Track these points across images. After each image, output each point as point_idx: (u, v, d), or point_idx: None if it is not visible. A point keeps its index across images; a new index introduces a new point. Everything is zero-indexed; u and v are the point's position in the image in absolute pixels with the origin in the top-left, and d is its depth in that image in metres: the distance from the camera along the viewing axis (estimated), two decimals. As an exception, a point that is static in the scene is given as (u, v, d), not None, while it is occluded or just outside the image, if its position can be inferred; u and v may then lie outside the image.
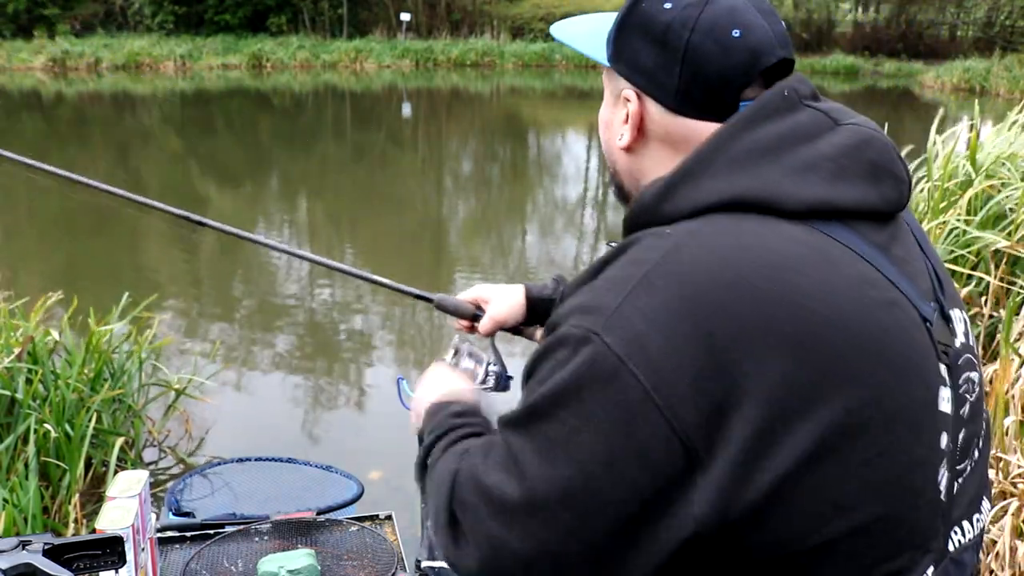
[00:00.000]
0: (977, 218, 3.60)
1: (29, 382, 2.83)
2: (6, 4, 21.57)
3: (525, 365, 0.88)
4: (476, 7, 26.05)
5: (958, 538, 0.89)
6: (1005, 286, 3.30)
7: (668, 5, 0.91)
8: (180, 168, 10.66)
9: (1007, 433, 2.41)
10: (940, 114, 4.37)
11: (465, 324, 1.49)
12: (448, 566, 1.52)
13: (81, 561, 0.90)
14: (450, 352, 1.40)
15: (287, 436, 3.62)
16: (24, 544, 0.87)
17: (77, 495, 2.69)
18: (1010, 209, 3.66)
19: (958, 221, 3.54)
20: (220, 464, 2.31)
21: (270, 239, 1.78)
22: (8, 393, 2.76)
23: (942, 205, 3.73)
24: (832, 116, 0.89)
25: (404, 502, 2.84)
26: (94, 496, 2.88)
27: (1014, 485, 2.31)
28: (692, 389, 0.75)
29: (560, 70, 22.55)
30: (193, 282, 5.98)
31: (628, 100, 0.96)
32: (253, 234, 1.76)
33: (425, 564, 1.59)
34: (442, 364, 1.31)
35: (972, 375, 0.91)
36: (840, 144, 0.86)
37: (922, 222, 3.69)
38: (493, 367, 1.39)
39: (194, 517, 2.00)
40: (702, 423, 0.75)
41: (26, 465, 2.59)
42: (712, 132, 0.88)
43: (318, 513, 1.94)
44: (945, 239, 3.54)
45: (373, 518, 1.97)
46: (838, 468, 0.76)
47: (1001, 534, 2.17)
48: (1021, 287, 3.22)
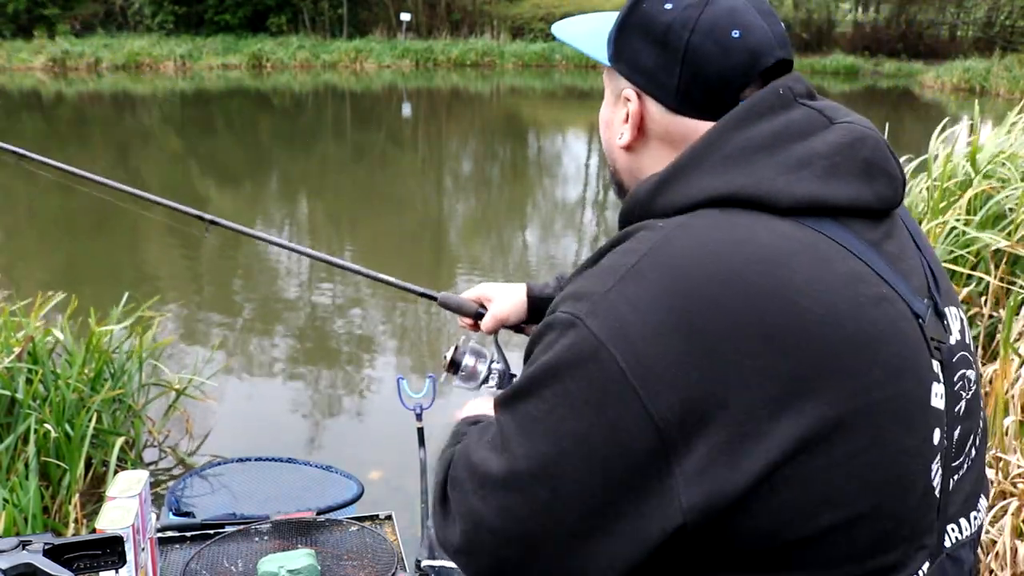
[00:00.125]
0: (977, 218, 3.60)
1: (29, 382, 2.83)
2: (6, 4, 21.58)
3: (524, 351, 0.91)
4: (476, 7, 26.06)
5: (955, 535, 0.89)
6: (1005, 286, 3.30)
7: (668, 6, 0.92)
8: (180, 168, 10.66)
9: (1007, 433, 2.41)
10: (944, 122, 4.36)
11: (468, 322, 1.51)
12: (448, 566, 1.52)
13: (81, 561, 0.90)
14: (451, 349, 1.41)
15: (287, 436, 3.62)
16: (24, 544, 0.87)
17: (77, 495, 2.69)
18: (1010, 209, 3.66)
19: (958, 221, 3.54)
20: (220, 464, 2.31)
21: (281, 239, 1.79)
22: (8, 393, 2.76)
23: (942, 205, 3.72)
24: (826, 114, 0.89)
25: (404, 502, 2.84)
26: (94, 496, 2.88)
27: (1014, 485, 2.31)
28: (671, 375, 0.76)
29: (560, 70, 22.56)
30: (193, 282, 5.98)
31: (628, 99, 0.97)
32: (268, 234, 1.78)
33: (425, 564, 1.59)
34: (484, 397, 1.32)
35: (968, 372, 0.92)
36: (834, 142, 0.87)
37: (922, 222, 3.69)
38: (496, 365, 1.40)
39: (194, 517, 2.00)
40: (678, 409, 0.75)
41: (26, 465, 2.60)
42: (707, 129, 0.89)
43: (318, 513, 1.94)
44: (945, 239, 3.54)
45: (373, 518, 1.97)
46: (826, 460, 0.77)
47: (1001, 534, 2.17)
48: (1021, 287, 3.22)
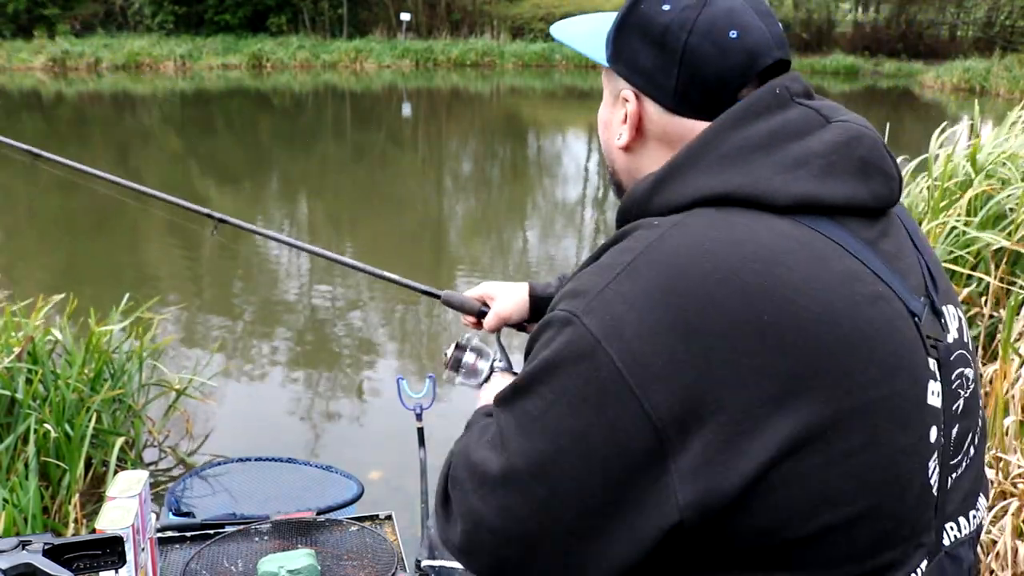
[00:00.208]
0: (977, 218, 3.60)
1: (29, 382, 2.83)
2: (6, 4, 21.58)
3: (524, 349, 0.91)
4: (476, 7, 26.06)
5: (953, 533, 0.89)
6: (1005, 287, 3.30)
7: (666, 7, 0.92)
8: (180, 168, 10.66)
9: (1007, 433, 2.41)
10: (944, 123, 4.36)
11: (471, 320, 1.52)
12: (449, 566, 1.52)
13: (81, 561, 0.90)
14: (451, 347, 1.41)
15: (287, 436, 3.62)
16: (24, 544, 0.87)
17: (77, 495, 2.69)
18: (1010, 209, 3.66)
19: (958, 221, 3.54)
20: (220, 464, 2.32)
21: (290, 238, 1.80)
22: (8, 393, 2.76)
23: (942, 205, 3.72)
24: (823, 113, 0.90)
25: (404, 502, 2.84)
26: (94, 496, 2.88)
27: (1014, 485, 2.31)
28: (666, 372, 0.76)
29: (560, 70, 22.56)
30: (194, 282, 5.98)
31: (627, 100, 0.97)
32: (278, 234, 1.79)
33: (425, 563, 1.59)
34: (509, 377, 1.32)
35: (966, 371, 0.92)
36: (830, 141, 0.87)
37: (922, 222, 3.69)
38: (498, 363, 1.40)
39: (194, 517, 2.01)
40: (675, 406, 0.76)
41: (26, 465, 2.60)
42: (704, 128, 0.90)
43: (318, 513, 1.95)
44: (945, 239, 3.54)
45: (373, 518, 1.97)
46: (823, 459, 0.77)
47: (1002, 534, 2.17)
48: (1021, 287, 3.22)
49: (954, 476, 0.90)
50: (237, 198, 8.92)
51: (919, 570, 0.85)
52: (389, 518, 1.98)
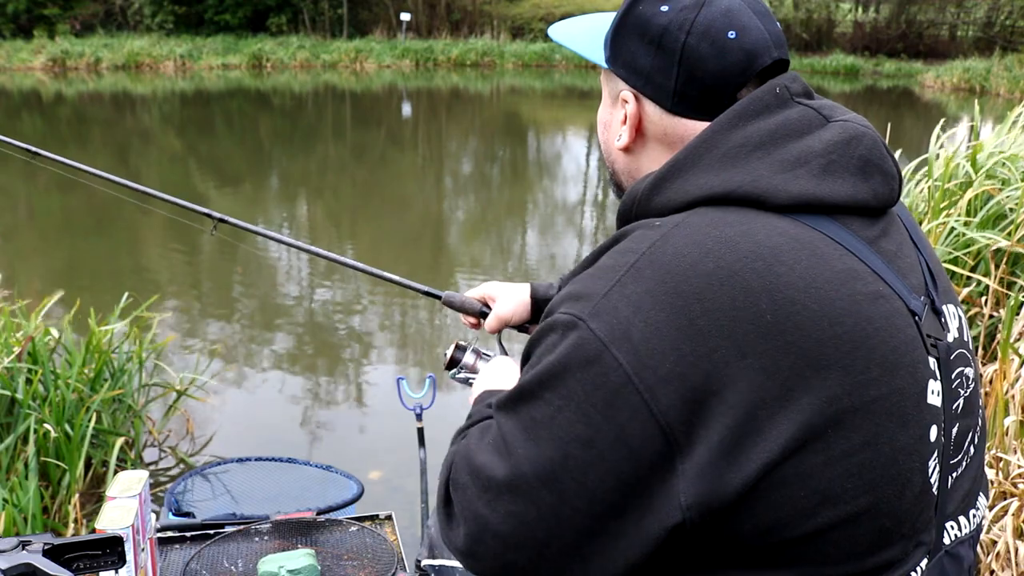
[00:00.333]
0: (977, 218, 3.60)
1: (29, 382, 2.83)
2: (6, 4, 21.57)
3: (523, 352, 0.91)
4: (476, 7, 26.05)
5: (953, 532, 0.90)
6: (1004, 289, 3.30)
7: (664, 8, 0.93)
8: (180, 168, 10.66)
9: (1007, 433, 2.41)
10: (942, 122, 4.36)
11: (472, 321, 1.52)
12: (449, 565, 1.52)
13: (81, 561, 0.90)
14: (451, 348, 1.41)
15: (287, 436, 3.62)
16: (24, 544, 0.87)
17: (77, 495, 2.69)
18: (1010, 209, 3.66)
19: (957, 221, 3.54)
20: (220, 464, 2.32)
21: (289, 238, 1.80)
22: (8, 393, 2.76)
23: (943, 205, 3.72)
24: (823, 113, 0.90)
25: (404, 502, 2.84)
26: (94, 496, 2.89)
27: (1014, 485, 2.31)
28: (673, 375, 0.76)
29: (560, 70, 22.55)
30: (194, 282, 5.98)
31: (626, 101, 0.97)
32: (277, 233, 1.79)
33: (425, 563, 1.59)
34: (508, 358, 1.31)
35: (966, 370, 0.92)
36: (829, 140, 0.87)
37: (922, 222, 3.69)
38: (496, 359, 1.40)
39: (194, 517, 2.01)
40: (682, 408, 0.76)
41: (26, 465, 2.60)
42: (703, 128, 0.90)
43: (318, 513, 1.95)
44: (945, 239, 3.54)
45: (373, 518, 1.97)
46: (824, 457, 0.77)
47: (1002, 534, 2.17)
48: (1021, 287, 3.22)
49: (954, 475, 0.90)
50: (237, 198, 8.92)
51: (919, 568, 0.85)
52: (389, 518, 1.98)
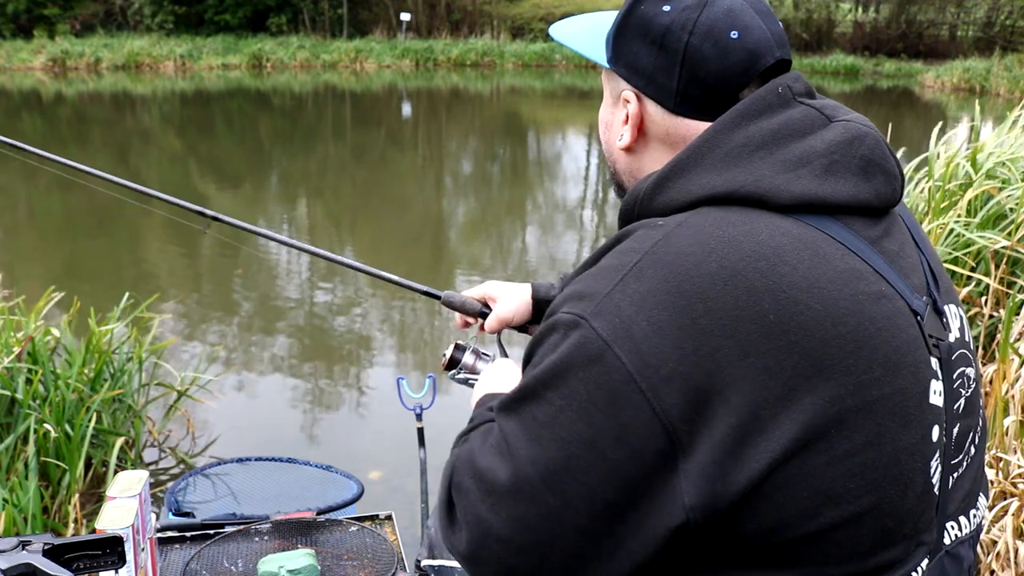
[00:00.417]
0: (977, 218, 3.60)
1: (29, 382, 2.83)
2: (6, 4, 21.56)
3: (524, 352, 0.90)
4: (476, 7, 26.04)
5: (954, 532, 0.89)
6: (1004, 289, 3.30)
7: (667, 7, 0.92)
8: (180, 168, 10.67)
9: (1007, 433, 2.40)
10: (941, 123, 4.36)
11: (465, 322, 1.50)
12: (448, 566, 1.52)
13: (81, 561, 0.90)
14: (450, 348, 1.40)
15: (287, 436, 3.62)
16: (24, 544, 0.87)
17: (77, 495, 2.69)
18: (1010, 209, 3.66)
19: (957, 222, 3.54)
20: (220, 464, 2.32)
21: (284, 236, 1.79)
22: (8, 393, 2.76)
23: (943, 206, 3.72)
24: (825, 112, 0.90)
25: (404, 502, 2.84)
26: (94, 496, 2.88)
27: (1014, 485, 2.31)
28: (675, 374, 0.76)
29: (560, 70, 22.55)
30: (194, 282, 5.98)
31: (628, 101, 0.97)
32: (273, 232, 1.77)
33: (425, 563, 1.59)
34: (509, 360, 1.30)
35: (967, 370, 0.92)
36: (832, 140, 0.87)
37: (922, 222, 3.69)
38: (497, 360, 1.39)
39: (194, 517, 2.01)
40: (684, 408, 0.76)
41: (26, 465, 2.60)
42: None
43: (318, 513, 1.95)
44: (945, 240, 3.54)
45: (373, 518, 1.97)
46: (826, 457, 0.77)
47: (1002, 534, 2.17)
48: (1021, 287, 3.22)
49: (955, 475, 0.90)
50: (237, 198, 8.92)
51: (920, 568, 0.85)
52: (389, 518, 1.98)
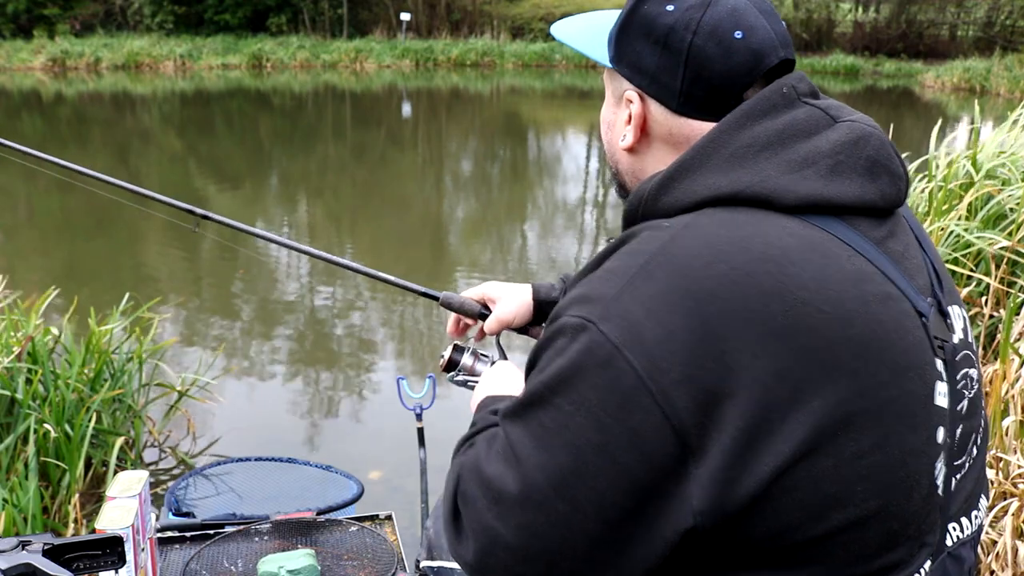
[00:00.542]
0: (978, 219, 3.60)
1: (29, 382, 2.83)
2: (6, 4, 21.56)
3: (528, 357, 0.89)
4: (476, 7, 26.04)
5: (956, 533, 0.89)
6: (1005, 289, 3.30)
7: (670, 7, 0.92)
8: (180, 168, 10.66)
9: (1007, 433, 2.40)
10: (940, 122, 4.36)
11: (471, 323, 1.48)
12: (448, 567, 1.52)
13: (81, 561, 0.90)
14: (448, 349, 1.40)
15: (287, 436, 3.62)
16: (24, 544, 0.87)
17: (77, 495, 2.69)
18: (1011, 209, 3.66)
19: (958, 224, 3.54)
20: (220, 464, 2.32)
21: (273, 235, 1.77)
22: (8, 393, 2.75)
23: (944, 207, 3.72)
24: (830, 113, 0.89)
25: (404, 502, 2.84)
26: (94, 496, 2.88)
27: (1014, 485, 2.30)
28: (685, 377, 0.75)
29: (560, 70, 22.55)
30: (194, 282, 5.98)
31: (630, 101, 0.97)
32: (260, 230, 1.76)
33: (424, 564, 1.58)
34: (508, 362, 1.29)
35: (970, 371, 0.92)
36: (837, 140, 0.87)
37: (924, 223, 3.69)
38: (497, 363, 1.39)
39: (194, 517, 2.01)
40: (695, 411, 0.75)
41: (26, 465, 2.59)
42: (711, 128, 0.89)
43: (318, 513, 1.95)
44: (946, 240, 3.54)
45: (373, 518, 1.97)
46: (833, 460, 0.76)
47: (1002, 534, 2.17)
48: (1021, 287, 3.22)
49: (958, 477, 0.89)
50: (237, 198, 8.92)
51: (923, 570, 0.85)
52: (389, 518, 1.98)
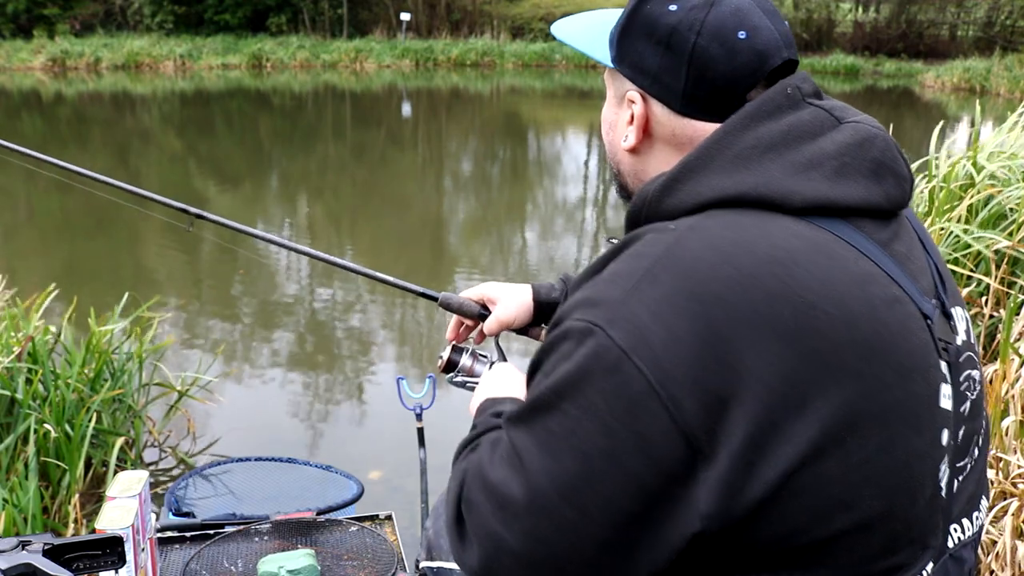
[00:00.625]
0: (978, 219, 3.60)
1: (29, 382, 2.83)
2: (6, 4, 21.55)
3: (530, 361, 0.88)
4: (476, 7, 26.04)
5: (957, 535, 0.89)
6: (1005, 289, 3.30)
7: (673, 7, 0.91)
8: (180, 168, 10.66)
9: (1007, 433, 2.40)
10: (942, 123, 4.36)
11: (471, 324, 1.47)
12: (447, 567, 1.52)
13: (81, 561, 0.90)
14: (447, 350, 1.39)
15: (287, 436, 3.62)
16: (24, 544, 0.87)
17: (77, 495, 2.69)
18: (1011, 209, 3.66)
19: (958, 226, 3.54)
20: (220, 464, 2.32)
21: (267, 234, 1.76)
22: (8, 393, 2.75)
23: (945, 207, 3.72)
24: (835, 114, 0.89)
25: (404, 502, 2.84)
26: (94, 496, 2.88)
27: (1014, 485, 2.30)
28: (694, 382, 0.74)
29: (560, 70, 22.55)
30: (194, 282, 5.98)
31: (633, 102, 0.96)
32: (253, 229, 1.74)
33: (424, 565, 1.59)
34: (508, 364, 1.28)
35: (973, 373, 0.92)
36: (842, 142, 0.86)
37: (924, 222, 3.69)
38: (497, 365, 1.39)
39: (194, 517, 2.01)
40: (704, 416, 0.74)
41: (26, 465, 2.59)
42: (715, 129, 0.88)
43: (318, 513, 1.95)
44: (946, 240, 3.54)
45: (373, 518, 1.97)
46: (840, 463, 0.76)
47: (1002, 534, 2.17)
48: (1021, 287, 3.22)
49: (960, 479, 0.89)
50: (236, 198, 8.92)
51: (925, 572, 0.85)
52: (389, 518, 1.98)
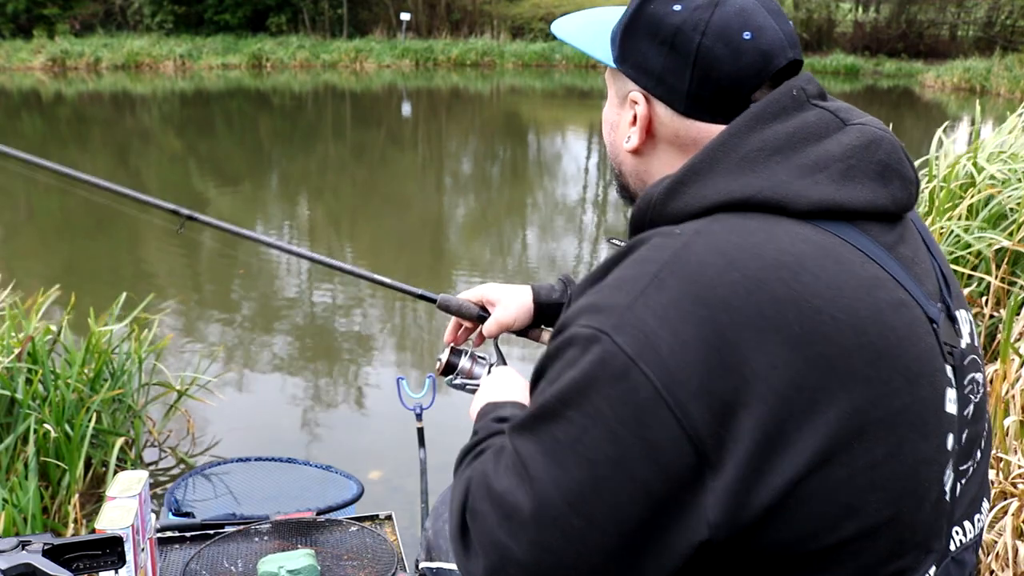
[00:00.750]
0: (978, 219, 3.60)
1: (29, 382, 2.82)
2: (6, 4, 21.55)
3: (534, 367, 0.87)
4: (476, 7, 26.04)
5: (959, 538, 0.89)
6: (1006, 288, 3.30)
7: (677, 7, 0.90)
8: (180, 168, 10.66)
9: (1007, 433, 2.40)
10: (945, 124, 4.36)
11: (470, 326, 1.46)
12: (447, 567, 1.52)
13: (81, 561, 0.90)
14: (446, 352, 1.39)
15: (287, 436, 3.61)
16: (24, 544, 0.87)
17: (77, 495, 2.69)
18: (1011, 209, 3.66)
19: (959, 226, 3.54)
20: (220, 464, 2.32)
21: (265, 236, 1.75)
22: (8, 393, 2.75)
23: (946, 207, 3.72)
24: (840, 116, 0.88)
25: (404, 502, 2.84)
26: (94, 496, 2.88)
27: (1014, 485, 2.30)
28: (702, 388, 0.74)
29: (560, 70, 22.55)
30: (194, 283, 5.98)
31: (635, 102, 0.95)
32: (244, 230, 1.74)
33: (423, 566, 1.58)
34: (508, 367, 1.27)
35: (977, 376, 0.91)
36: (848, 144, 0.85)
37: (925, 222, 3.69)
38: (496, 369, 1.38)
39: (194, 517, 2.01)
40: (711, 422, 0.74)
41: (26, 465, 2.59)
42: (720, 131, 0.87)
43: (318, 513, 1.95)
44: (947, 240, 3.54)
45: (373, 518, 1.97)
46: (847, 469, 0.75)
47: (1002, 535, 2.17)
48: (1022, 287, 3.22)
49: (963, 481, 0.89)
50: (236, 198, 8.92)
51: (928, 575, 0.84)
52: (389, 518, 1.98)
